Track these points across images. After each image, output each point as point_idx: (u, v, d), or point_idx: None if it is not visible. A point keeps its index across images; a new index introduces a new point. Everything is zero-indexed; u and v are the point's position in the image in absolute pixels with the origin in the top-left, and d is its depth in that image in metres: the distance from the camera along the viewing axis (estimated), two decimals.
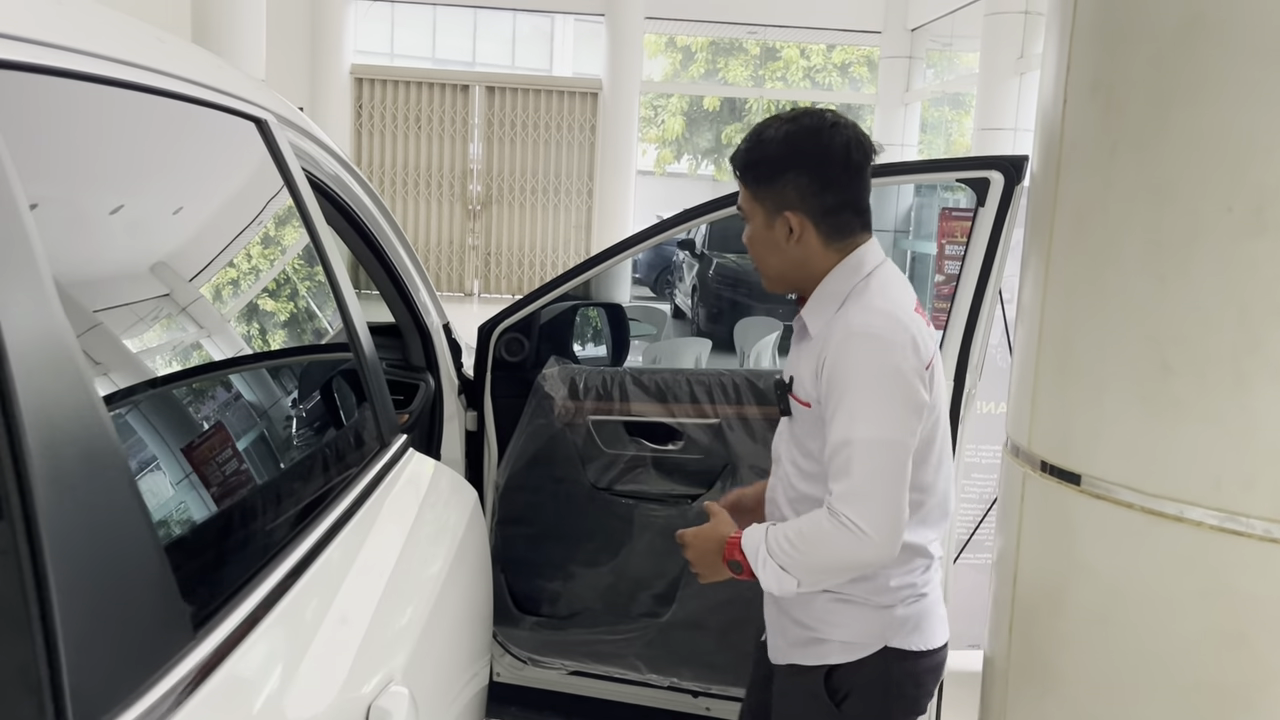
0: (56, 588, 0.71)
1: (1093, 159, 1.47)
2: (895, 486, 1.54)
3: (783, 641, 1.79)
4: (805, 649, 1.74)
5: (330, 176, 2.03)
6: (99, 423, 0.82)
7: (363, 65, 13.92)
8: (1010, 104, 10.54)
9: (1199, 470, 1.34)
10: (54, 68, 0.92)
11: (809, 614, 1.73)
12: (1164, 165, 1.36)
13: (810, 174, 1.62)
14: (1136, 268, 1.40)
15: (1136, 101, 1.39)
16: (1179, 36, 1.33)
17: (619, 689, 2.67)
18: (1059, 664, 1.55)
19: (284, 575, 1.12)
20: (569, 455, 2.66)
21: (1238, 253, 1.29)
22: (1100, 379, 1.46)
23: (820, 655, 1.72)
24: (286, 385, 1.54)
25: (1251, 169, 1.27)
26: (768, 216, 1.66)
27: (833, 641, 1.71)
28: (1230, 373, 1.31)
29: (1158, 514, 1.38)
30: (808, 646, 1.74)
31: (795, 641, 1.76)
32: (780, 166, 1.63)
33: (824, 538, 1.54)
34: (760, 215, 1.67)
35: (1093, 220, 1.47)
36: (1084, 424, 1.49)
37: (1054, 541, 1.56)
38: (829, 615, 1.71)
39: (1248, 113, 1.27)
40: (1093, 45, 1.49)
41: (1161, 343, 1.37)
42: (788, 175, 1.63)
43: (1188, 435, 1.35)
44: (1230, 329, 1.30)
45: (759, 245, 1.69)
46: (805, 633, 1.74)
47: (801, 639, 1.74)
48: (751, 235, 1.70)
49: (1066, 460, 1.52)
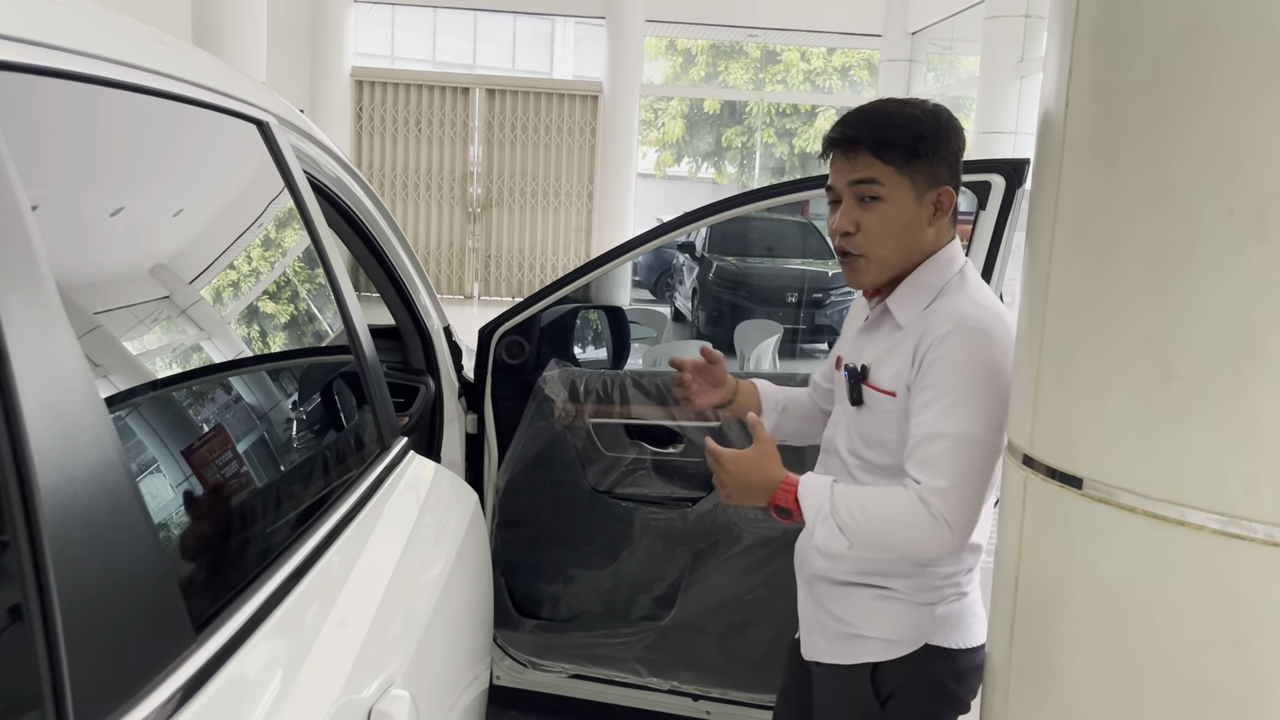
0: (58, 591, 0.71)
1: (1094, 162, 1.47)
2: (984, 486, 1.55)
3: (820, 638, 1.76)
4: (844, 646, 1.71)
5: (331, 178, 2.03)
6: (100, 425, 0.82)
7: (363, 68, 13.93)
8: (1011, 107, 10.55)
9: (1201, 474, 1.34)
10: (55, 69, 0.92)
11: (849, 609, 1.70)
12: (1165, 169, 1.36)
13: (959, 152, 1.64)
14: (1138, 271, 1.40)
15: (1138, 105, 1.40)
16: (1181, 40, 1.33)
17: (619, 692, 2.67)
18: (1060, 667, 1.55)
19: (285, 578, 1.12)
20: (569, 458, 2.66)
21: (1239, 256, 1.29)
22: (1102, 382, 1.46)
23: (859, 653, 1.70)
24: (287, 388, 1.54)
25: (1253, 172, 1.27)
26: (917, 193, 1.61)
27: (872, 639, 1.69)
28: (1232, 376, 1.30)
29: (1159, 518, 1.38)
30: (847, 643, 1.71)
31: (834, 637, 1.73)
32: (941, 140, 1.61)
33: (904, 521, 1.53)
34: (909, 192, 1.61)
35: (1094, 223, 1.47)
36: (1086, 428, 1.49)
37: (1055, 545, 1.56)
38: (870, 612, 1.69)
39: (1249, 116, 1.27)
40: (1094, 49, 1.49)
41: (1163, 346, 1.37)
42: (948, 148, 1.62)
43: (1189, 439, 1.35)
44: (1232, 333, 1.30)
45: (896, 225, 1.62)
46: (844, 628, 1.71)
47: (840, 634, 1.72)
48: (890, 215, 1.61)
49: (1068, 464, 1.52)
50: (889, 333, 1.66)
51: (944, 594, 1.68)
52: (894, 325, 1.65)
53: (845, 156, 1.61)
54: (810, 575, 1.78)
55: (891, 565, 1.68)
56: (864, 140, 1.59)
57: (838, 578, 1.73)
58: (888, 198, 1.60)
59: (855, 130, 1.61)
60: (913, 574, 1.66)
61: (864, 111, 1.63)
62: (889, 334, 1.66)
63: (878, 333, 1.69)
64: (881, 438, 1.64)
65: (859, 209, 1.62)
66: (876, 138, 1.59)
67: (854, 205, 1.62)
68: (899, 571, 1.67)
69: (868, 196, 1.61)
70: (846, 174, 1.62)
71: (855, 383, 1.66)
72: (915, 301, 1.64)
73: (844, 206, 1.63)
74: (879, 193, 1.60)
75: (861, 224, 1.62)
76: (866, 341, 1.70)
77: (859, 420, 1.68)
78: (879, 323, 1.69)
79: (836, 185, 1.64)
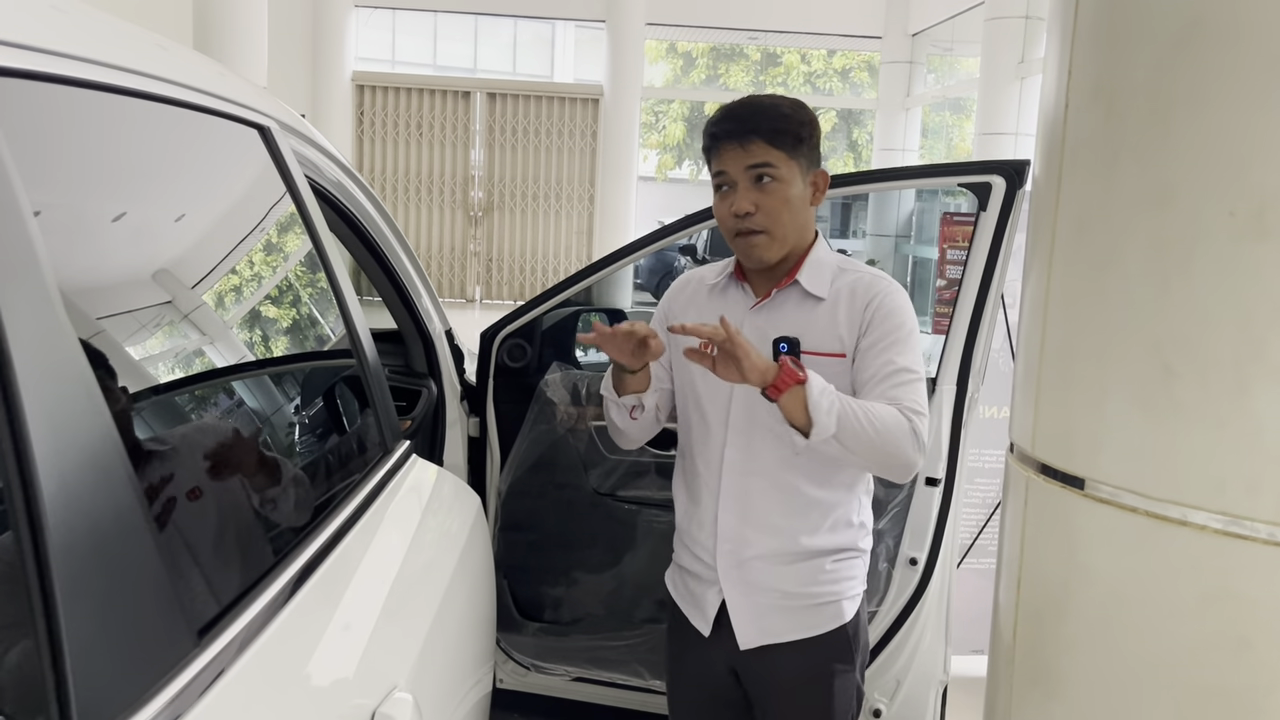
0: (61, 596, 0.71)
1: (1094, 163, 1.47)
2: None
3: (779, 618, 1.83)
4: (820, 615, 1.83)
5: (332, 183, 2.03)
6: (104, 430, 0.82)
7: (364, 72, 13.94)
8: (1011, 109, 10.54)
9: (1202, 474, 1.34)
10: (57, 75, 0.92)
11: (828, 579, 1.82)
12: (1166, 169, 1.36)
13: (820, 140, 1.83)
14: (1139, 272, 1.40)
15: (1138, 106, 1.40)
16: (1179, 40, 1.34)
17: (622, 695, 2.67)
18: (1063, 668, 1.55)
19: (287, 581, 1.12)
20: (571, 461, 2.66)
21: (1240, 256, 1.29)
22: (1103, 383, 1.46)
23: (837, 615, 1.84)
24: (289, 391, 1.54)
25: (1253, 172, 1.27)
26: (803, 175, 1.79)
27: (847, 597, 1.85)
28: (1233, 376, 1.30)
29: (1161, 518, 1.38)
30: (823, 611, 1.83)
31: (807, 606, 1.83)
32: (814, 128, 1.80)
33: (901, 435, 1.67)
34: (798, 174, 1.78)
35: (1095, 224, 1.47)
36: (1087, 428, 1.49)
37: (1057, 545, 1.56)
38: (850, 570, 1.86)
39: (1248, 116, 1.28)
40: (1094, 50, 1.49)
41: (1164, 346, 1.37)
42: (817, 136, 1.81)
43: (1191, 439, 1.35)
44: (1233, 333, 1.30)
45: (795, 206, 1.78)
46: (820, 599, 1.83)
47: (813, 605, 1.83)
48: (786, 195, 1.76)
49: (1070, 464, 1.52)
50: (806, 307, 1.81)
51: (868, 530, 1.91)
52: (809, 299, 1.80)
53: (740, 146, 1.75)
54: (750, 558, 1.82)
55: (851, 531, 1.85)
56: (759, 130, 1.74)
57: (796, 550, 1.81)
58: (783, 178, 1.76)
59: (749, 122, 1.75)
60: (869, 529, 1.89)
61: (747, 105, 1.79)
62: (806, 308, 1.81)
63: (785, 309, 1.82)
64: None
65: (757, 190, 1.76)
66: (769, 126, 1.75)
67: (751, 188, 1.76)
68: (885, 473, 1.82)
69: (766, 178, 1.75)
70: (742, 161, 1.76)
71: (795, 353, 1.77)
72: (824, 275, 1.81)
73: (741, 189, 1.76)
74: (775, 174, 1.75)
75: (760, 204, 1.76)
76: (768, 320, 1.81)
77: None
78: (781, 300, 1.82)
79: (731, 172, 1.77)
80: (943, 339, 2.39)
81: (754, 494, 1.81)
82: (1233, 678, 1.34)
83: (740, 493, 1.81)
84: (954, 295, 2.36)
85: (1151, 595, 1.40)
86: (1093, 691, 1.50)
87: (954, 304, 2.35)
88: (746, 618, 1.83)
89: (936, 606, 2.46)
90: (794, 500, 1.80)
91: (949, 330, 2.35)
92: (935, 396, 2.35)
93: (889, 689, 2.49)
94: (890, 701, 2.49)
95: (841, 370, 1.76)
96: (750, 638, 1.83)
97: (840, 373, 1.76)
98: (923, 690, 2.49)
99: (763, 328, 1.80)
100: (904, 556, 2.43)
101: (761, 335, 1.79)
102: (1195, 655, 1.37)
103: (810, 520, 1.80)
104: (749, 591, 1.82)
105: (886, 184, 2.59)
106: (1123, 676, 1.45)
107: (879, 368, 1.73)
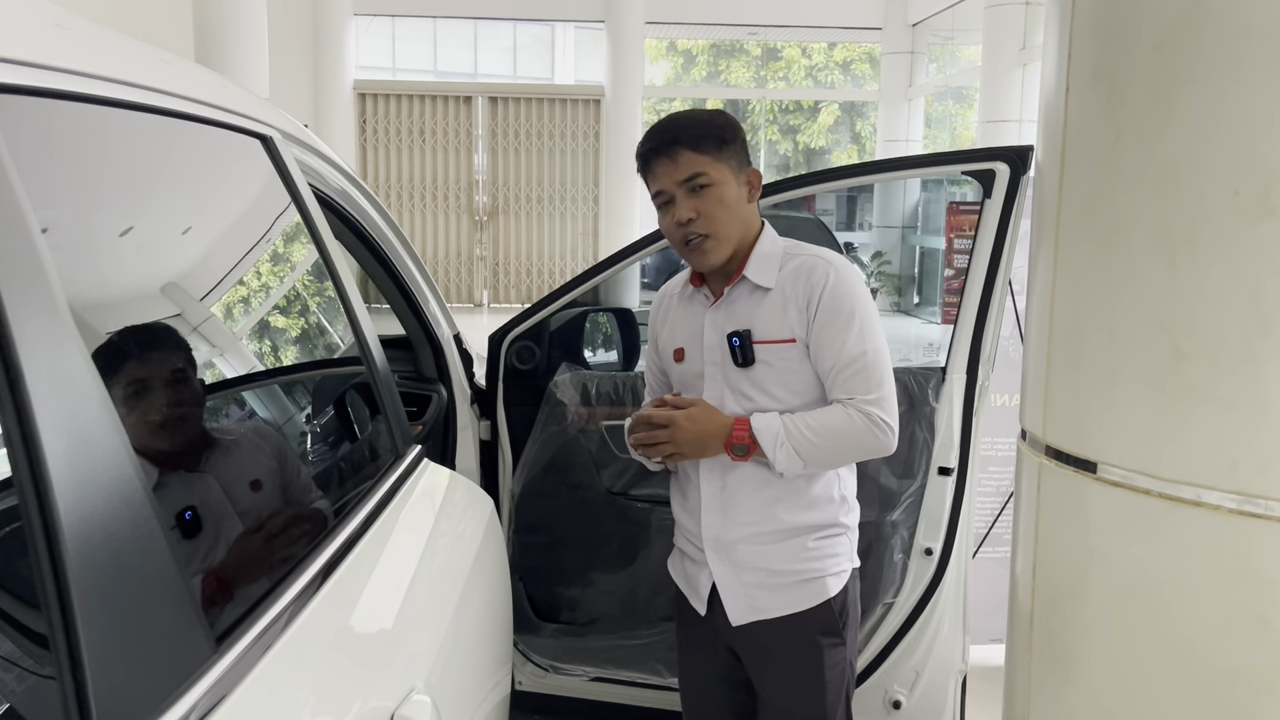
0: (79, 605, 0.72)
1: (1097, 147, 1.47)
2: (894, 385, 1.83)
3: (766, 595, 1.88)
4: (805, 591, 1.87)
5: (336, 191, 2.04)
6: (117, 442, 0.83)
7: (365, 80, 13.98)
8: (1014, 96, 10.53)
9: (1215, 454, 1.34)
10: (61, 91, 0.93)
11: (810, 556, 1.87)
12: (1168, 150, 1.36)
13: (745, 140, 1.89)
14: (1145, 254, 1.40)
15: (1139, 88, 1.39)
16: (1179, 21, 1.33)
17: (641, 694, 2.67)
18: (1080, 653, 1.55)
19: (303, 586, 1.13)
20: (583, 461, 2.66)
21: (1245, 235, 1.29)
22: (1112, 366, 1.46)
23: (822, 590, 1.88)
24: (300, 400, 1.55)
25: (1256, 151, 1.27)
26: (735, 175, 1.85)
27: (831, 573, 1.88)
28: (1242, 355, 1.30)
29: (1175, 499, 1.37)
30: (807, 587, 1.87)
31: (792, 583, 1.87)
32: (735, 129, 1.86)
33: (856, 435, 1.77)
34: (729, 174, 1.84)
35: (1099, 208, 1.47)
36: (1098, 411, 1.49)
37: (1071, 530, 1.56)
38: (834, 548, 1.89)
39: (1250, 94, 1.27)
40: (1093, 33, 1.49)
41: (1172, 328, 1.36)
42: (740, 136, 1.87)
43: (1202, 419, 1.35)
44: (1241, 312, 1.30)
45: (732, 205, 1.83)
46: (803, 575, 1.87)
47: (797, 581, 1.87)
48: (721, 195, 1.82)
49: (1081, 448, 1.52)
50: (756, 299, 1.87)
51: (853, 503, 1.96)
52: (757, 291, 1.87)
53: (669, 159, 1.82)
54: (734, 540, 1.90)
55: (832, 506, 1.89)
56: (681, 141, 1.82)
57: (778, 528, 1.87)
58: (715, 181, 1.82)
59: (670, 135, 1.83)
60: (849, 504, 1.93)
61: (668, 121, 1.87)
62: (756, 300, 1.87)
63: (737, 304, 1.88)
64: (783, 380, 1.84)
65: (694, 198, 1.82)
66: (691, 134, 1.82)
67: (688, 197, 1.82)
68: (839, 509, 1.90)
69: (699, 185, 1.81)
70: (674, 174, 1.82)
71: (746, 345, 1.84)
72: (769, 268, 1.87)
73: (679, 200, 1.83)
74: (708, 179, 1.82)
75: (700, 210, 1.82)
76: (725, 316, 1.89)
77: (752, 376, 1.86)
78: (734, 296, 1.89)
79: (666, 187, 1.84)
80: (952, 328, 2.38)
81: (732, 482, 1.89)
82: (1250, 657, 1.33)
83: (720, 483, 1.90)
84: (962, 284, 2.36)
85: (1167, 577, 1.40)
86: (1111, 674, 1.49)
87: (962, 293, 2.34)
88: (736, 596, 1.91)
89: (954, 596, 2.45)
90: (772, 482, 1.86)
91: (958, 319, 2.35)
92: (945, 385, 2.34)
93: (908, 680, 2.49)
94: (910, 692, 2.49)
95: (796, 354, 1.83)
96: (740, 614, 1.91)
97: (794, 356, 1.83)
98: (942, 680, 2.48)
99: (721, 325, 1.89)
100: (919, 547, 2.43)
101: (720, 332, 1.88)
102: (1213, 635, 1.36)
103: (789, 499, 1.87)
104: (737, 571, 1.90)
105: (891, 174, 2.58)
106: (1140, 659, 1.45)
107: (831, 359, 1.81)
